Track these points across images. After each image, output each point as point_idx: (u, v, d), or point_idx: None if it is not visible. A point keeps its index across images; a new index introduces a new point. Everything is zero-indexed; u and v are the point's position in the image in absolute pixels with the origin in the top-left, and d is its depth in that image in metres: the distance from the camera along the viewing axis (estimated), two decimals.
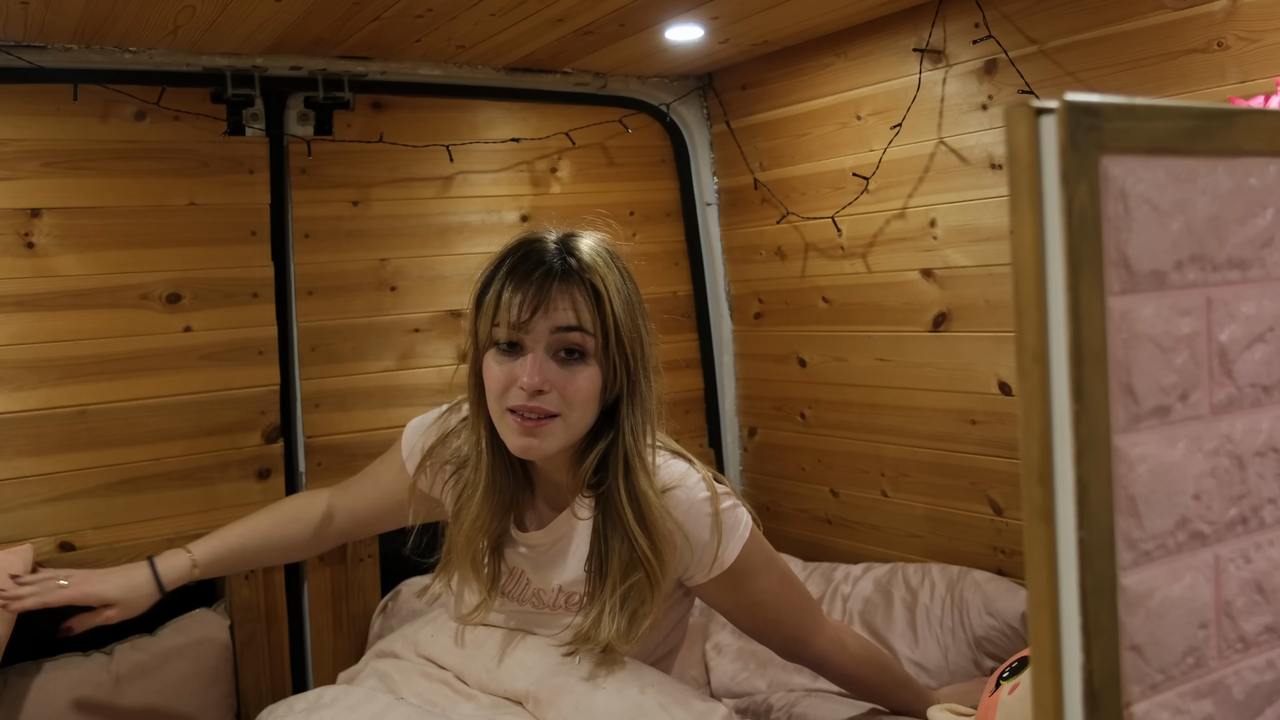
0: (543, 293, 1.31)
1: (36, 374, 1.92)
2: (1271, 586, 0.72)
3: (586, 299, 1.33)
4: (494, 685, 1.40)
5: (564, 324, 1.32)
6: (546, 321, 1.31)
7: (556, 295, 1.32)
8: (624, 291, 1.36)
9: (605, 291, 1.33)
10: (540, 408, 1.32)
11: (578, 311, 1.32)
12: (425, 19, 1.90)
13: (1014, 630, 1.85)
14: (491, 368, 1.35)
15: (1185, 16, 1.61)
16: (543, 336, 1.32)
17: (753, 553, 1.43)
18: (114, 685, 1.91)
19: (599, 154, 2.53)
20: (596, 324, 1.33)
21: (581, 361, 1.33)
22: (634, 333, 1.36)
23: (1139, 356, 0.63)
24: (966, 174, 2.02)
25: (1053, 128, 0.59)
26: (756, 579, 1.45)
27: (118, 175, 1.99)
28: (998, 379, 2.02)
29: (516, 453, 1.36)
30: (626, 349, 1.35)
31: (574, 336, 1.32)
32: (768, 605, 1.48)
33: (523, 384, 1.31)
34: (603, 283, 1.33)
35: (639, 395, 1.37)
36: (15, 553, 1.84)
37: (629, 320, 1.35)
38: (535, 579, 1.45)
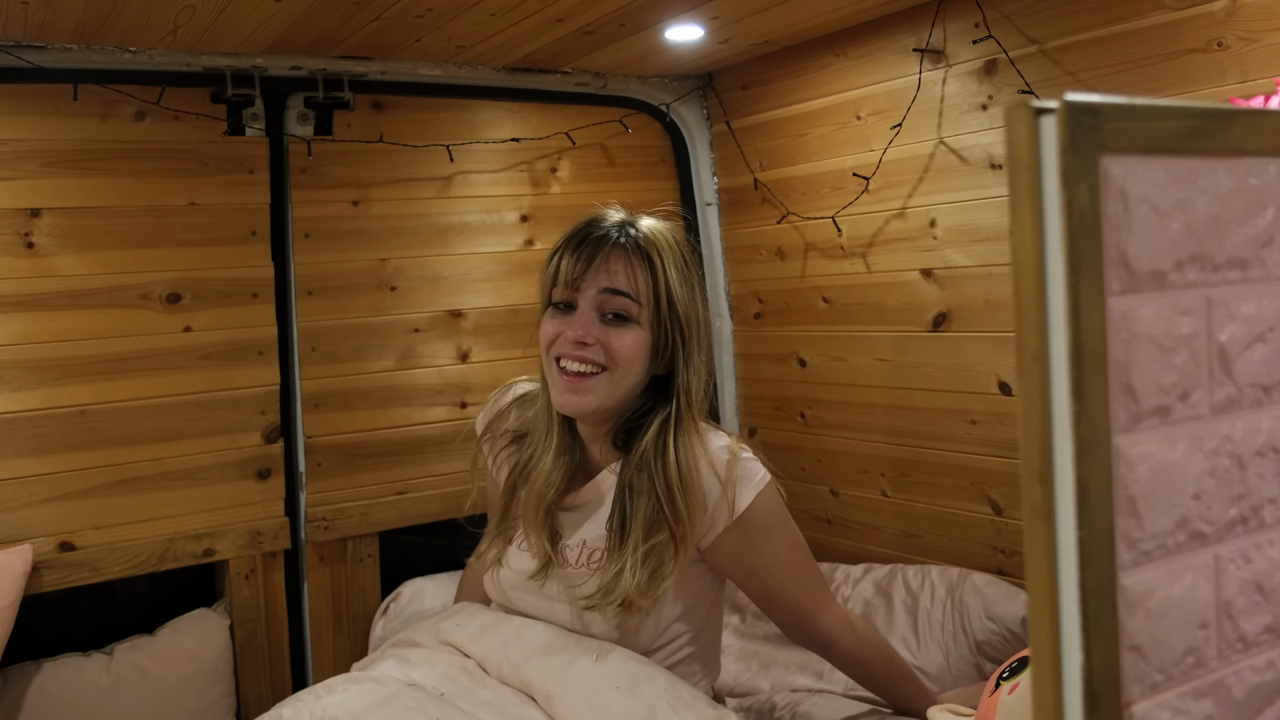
0: (597, 254, 1.39)
1: (36, 374, 1.92)
2: (1271, 586, 0.72)
3: (641, 267, 1.39)
4: (513, 677, 1.40)
5: (613, 286, 1.39)
6: (597, 281, 1.39)
7: (611, 258, 1.39)
8: (681, 268, 1.43)
9: (660, 262, 1.40)
10: (585, 356, 1.38)
11: (630, 276, 1.39)
12: (425, 19, 1.90)
13: (1014, 634, 1.85)
14: (545, 324, 1.43)
15: (1185, 16, 1.61)
16: (592, 296, 1.39)
17: (768, 507, 1.45)
18: (114, 685, 1.91)
19: (599, 154, 2.53)
20: (648, 292, 1.39)
21: (628, 323, 1.40)
22: (690, 307, 1.42)
23: (1139, 356, 0.63)
24: (966, 174, 2.02)
25: (1053, 128, 0.59)
26: (770, 539, 1.46)
27: (118, 175, 1.99)
28: (998, 379, 2.02)
29: (560, 409, 1.43)
30: (681, 320, 1.41)
31: (621, 301, 1.39)
32: (778, 570, 1.49)
33: (570, 335, 1.38)
34: (659, 255, 1.40)
35: (694, 366, 1.43)
36: (15, 552, 1.84)
37: (685, 294, 1.41)
38: (564, 536, 1.50)
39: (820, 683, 1.92)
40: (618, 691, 1.32)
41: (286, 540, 2.15)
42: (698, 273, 1.47)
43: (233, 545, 2.09)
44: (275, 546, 2.14)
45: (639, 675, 1.36)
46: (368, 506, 2.24)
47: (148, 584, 2.08)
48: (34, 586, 1.88)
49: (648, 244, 1.41)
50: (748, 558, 1.46)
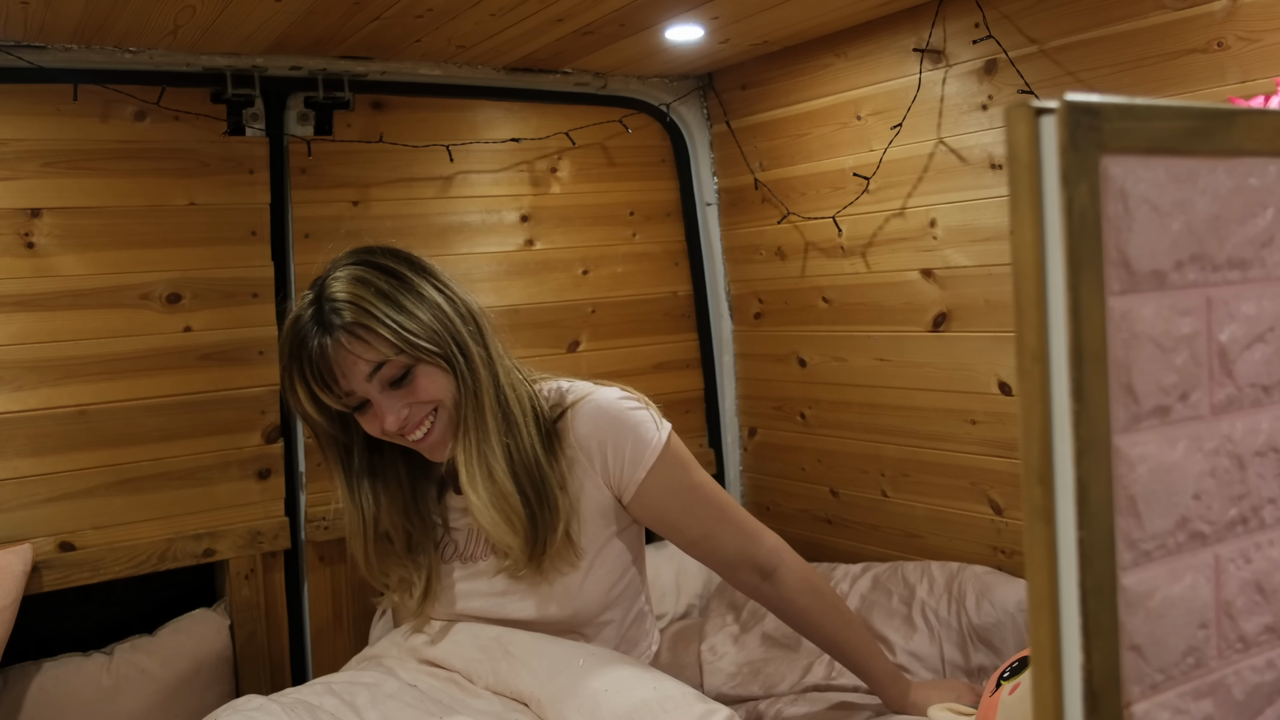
0: (332, 368, 1.39)
1: (36, 374, 1.92)
2: (1271, 586, 0.72)
3: (361, 334, 1.38)
4: (501, 686, 1.41)
5: (368, 371, 1.39)
6: (356, 379, 1.39)
7: (342, 359, 1.39)
8: (385, 290, 1.41)
9: (369, 313, 1.38)
10: (413, 423, 1.42)
11: (370, 354, 1.38)
12: (425, 19, 1.90)
13: (1011, 618, 1.85)
14: (363, 424, 1.46)
15: (1185, 16, 1.61)
16: (364, 387, 1.40)
17: (675, 448, 1.51)
18: (114, 685, 1.91)
19: (599, 154, 2.53)
20: (393, 345, 1.38)
21: (411, 372, 1.41)
22: (420, 320, 1.41)
23: (1139, 356, 0.63)
24: (966, 174, 2.02)
25: (1053, 128, 0.59)
26: (687, 471, 1.51)
27: (118, 175, 1.99)
28: (998, 379, 2.02)
29: (436, 461, 1.49)
30: (424, 340, 1.40)
31: (385, 371, 1.39)
32: (710, 502, 1.53)
33: (389, 431, 1.41)
34: (361, 308, 1.38)
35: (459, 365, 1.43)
36: (15, 552, 1.84)
37: (403, 314, 1.40)
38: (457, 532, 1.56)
39: (811, 683, 1.92)
40: (607, 694, 1.33)
41: (286, 540, 2.15)
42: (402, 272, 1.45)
43: (233, 545, 2.09)
44: (275, 546, 2.14)
45: (627, 675, 1.37)
46: None
47: (148, 584, 2.08)
48: (34, 586, 1.88)
49: (352, 316, 1.39)
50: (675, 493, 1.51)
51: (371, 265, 1.46)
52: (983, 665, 1.86)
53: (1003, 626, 1.85)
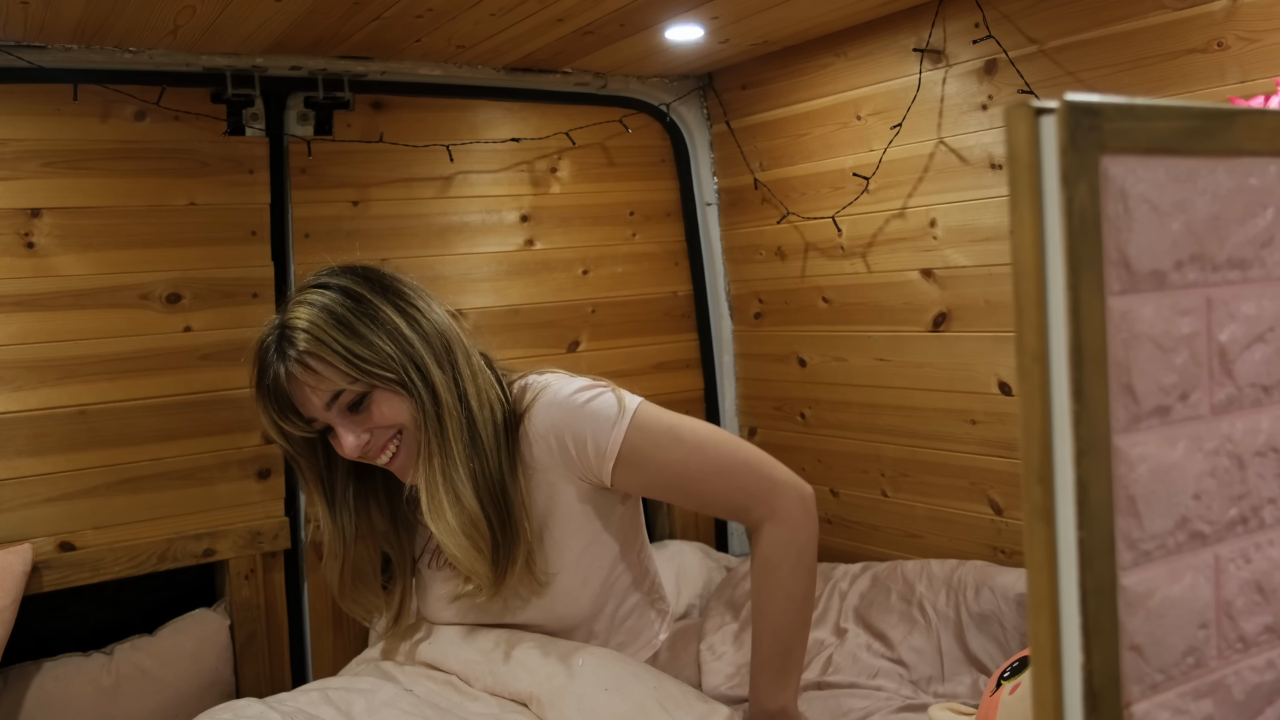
0: (289, 394, 1.41)
1: (36, 374, 1.92)
2: (1271, 586, 0.72)
3: (314, 365, 1.39)
4: (499, 687, 1.41)
5: (325, 400, 1.39)
6: (313, 409, 1.40)
7: (295, 387, 1.40)
8: (344, 319, 1.40)
9: (324, 343, 1.38)
10: (376, 447, 1.43)
11: (325, 382, 1.39)
12: (425, 19, 1.90)
13: (1011, 604, 1.85)
14: (337, 451, 1.45)
15: (1185, 16, 1.61)
16: (326, 414, 1.41)
17: (645, 427, 1.43)
18: (114, 685, 1.91)
19: (599, 154, 2.53)
20: (348, 375, 1.39)
21: (367, 398, 1.41)
22: (379, 347, 1.40)
23: (1139, 356, 0.63)
24: (966, 174, 2.02)
25: (1053, 128, 0.59)
26: (662, 449, 1.44)
27: (118, 175, 1.99)
28: (998, 379, 2.02)
29: (407, 482, 1.48)
30: (379, 368, 1.39)
31: (343, 399, 1.40)
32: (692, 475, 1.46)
33: (349, 454, 1.42)
34: (315, 339, 1.38)
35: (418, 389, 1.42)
36: (15, 552, 1.84)
37: (360, 343, 1.39)
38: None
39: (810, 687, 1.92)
40: (606, 693, 1.32)
41: (286, 540, 2.15)
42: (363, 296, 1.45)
43: (233, 545, 2.09)
44: (275, 546, 2.14)
45: (626, 675, 1.36)
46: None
47: (148, 584, 2.08)
48: (34, 586, 1.88)
49: (306, 346, 1.38)
50: (650, 476, 1.45)
51: (332, 289, 1.45)
52: (981, 654, 1.86)
53: (1003, 613, 1.86)
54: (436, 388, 1.42)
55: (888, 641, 1.95)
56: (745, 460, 1.47)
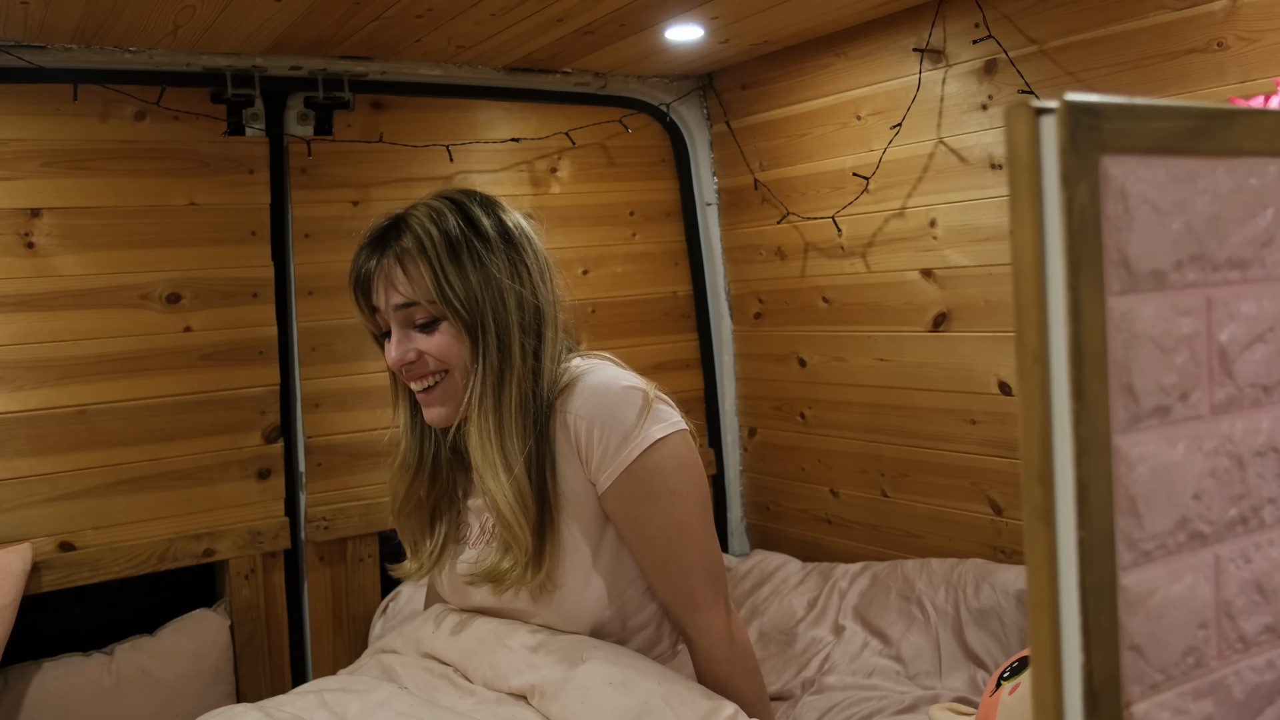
0: (372, 280, 1.39)
1: (36, 374, 1.92)
2: (1271, 586, 0.72)
3: (406, 267, 1.37)
4: (498, 681, 1.39)
5: (396, 303, 1.37)
6: (386, 302, 1.38)
7: (380, 280, 1.38)
8: (455, 239, 1.37)
9: (426, 253, 1.36)
10: (417, 372, 1.39)
11: (398, 286, 1.37)
12: (425, 19, 1.90)
13: (1011, 600, 1.85)
14: (385, 354, 1.42)
15: (1185, 16, 1.61)
16: (389, 315, 1.39)
17: (661, 464, 1.34)
18: (114, 685, 1.91)
19: (599, 154, 2.53)
20: (426, 289, 1.36)
21: (435, 324, 1.38)
22: (470, 282, 1.37)
23: (1139, 356, 0.63)
24: (966, 174, 2.02)
25: (1053, 128, 0.59)
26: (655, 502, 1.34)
27: (118, 175, 1.99)
28: (998, 379, 2.02)
29: (430, 423, 1.43)
30: (462, 302, 1.36)
31: (411, 311, 1.37)
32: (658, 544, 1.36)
33: (390, 361, 1.39)
34: (420, 246, 1.36)
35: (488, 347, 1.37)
36: (15, 552, 1.84)
37: (460, 271, 1.36)
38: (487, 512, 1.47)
39: (806, 693, 1.92)
40: (611, 688, 1.31)
41: (286, 540, 2.15)
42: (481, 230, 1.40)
43: (233, 545, 2.09)
44: (275, 546, 2.14)
45: (631, 671, 1.35)
46: (368, 506, 2.24)
47: (148, 584, 2.08)
48: (34, 586, 1.88)
49: (406, 244, 1.37)
50: (629, 516, 1.36)
51: (463, 212, 1.42)
52: (979, 649, 1.86)
53: (1003, 609, 1.86)
54: (510, 352, 1.38)
55: (885, 639, 1.95)
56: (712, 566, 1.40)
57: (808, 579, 2.24)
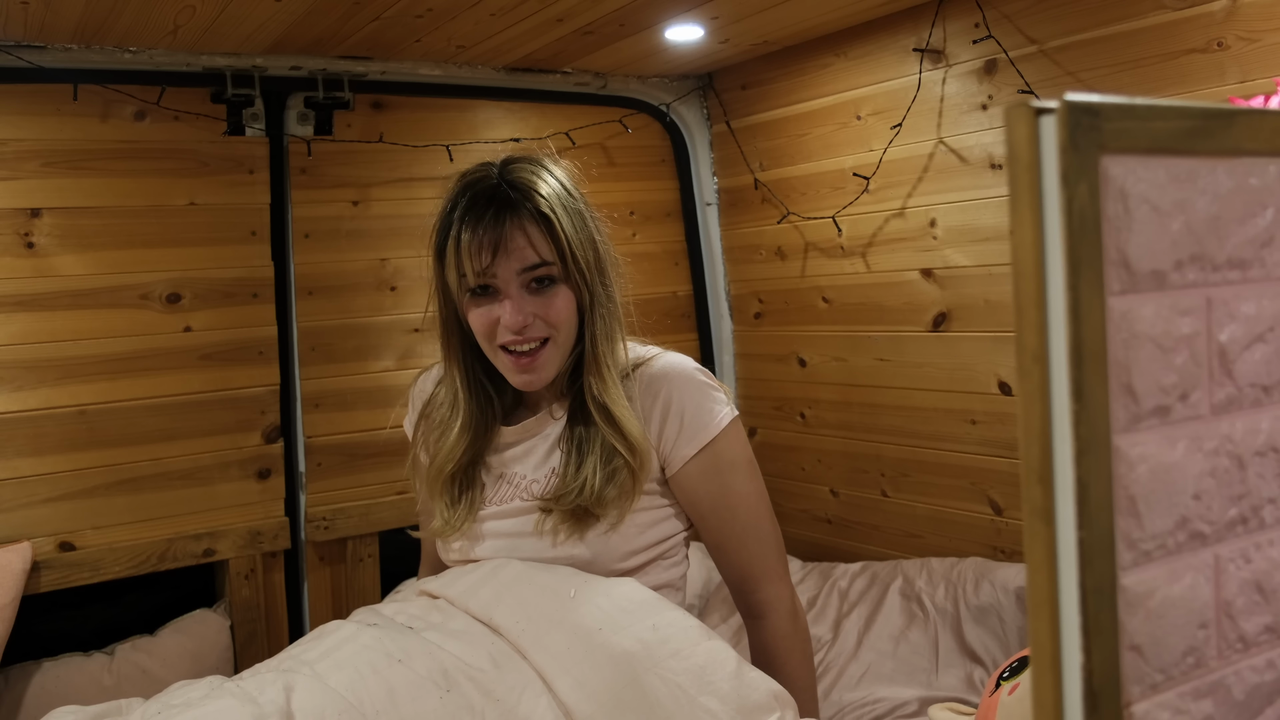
0: (499, 233, 1.34)
1: (36, 374, 1.92)
2: (1271, 586, 0.72)
3: (539, 229, 1.35)
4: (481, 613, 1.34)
5: (528, 263, 1.35)
6: (510, 262, 1.34)
7: (511, 233, 1.34)
8: (570, 205, 1.38)
9: (554, 214, 1.35)
10: (530, 337, 1.36)
11: (534, 245, 1.35)
12: (425, 19, 1.90)
13: (1010, 596, 1.85)
14: (474, 316, 1.38)
15: (1185, 16, 1.61)
16: (512, 277, 1.35)
17: (739, 439, 1.43)
18: (114, 685, 1.91)
19: (599, 154, 2.53)
20: (553, 250, 1.35)
21: (553, 285, 1.37)
22: (586, 243, 1.39)
23: (1139, 356, 0.63)
24: (966, 174, 2.02)
25: (1053, 128, 0.59)
26: (737, 473, 1.43)
27: (118, 175, 1.99)
28: (998, 379, 2.02)
29: (520, 388, 1.41)
30: (581, 263, 1.37)
31: (539, 271, 1.36)
32: (740, 514, 1.43)
33: (508, 325, 1.35)
34: (549, 207, 1.35)
35: (599, 301, 1.41)
36: (14, 551, 1.84)
37: (578, 234, 1.38)
38: (523, 470, 1.46)
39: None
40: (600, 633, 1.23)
41: (286, 540, 2.15)
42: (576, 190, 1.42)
43: (233, 545, 2.09)
44: (275, 546, 2.14)
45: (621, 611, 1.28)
46: (368, 506, 2.24)
47: (148, 584, 2.08)
48: (34, 586, 1.88)
49: (536, 199, 1.36)
50: (713, 489, 1.42)
51: (553, 170, 1.42)
52: (977, 646, 1.86)
53: (1002, 607, 1.86)
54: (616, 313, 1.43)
55: (884, 637, 1.95)
56: (775, 542, 1.47)
57: (808, 579, 2.24)
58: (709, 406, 1.41)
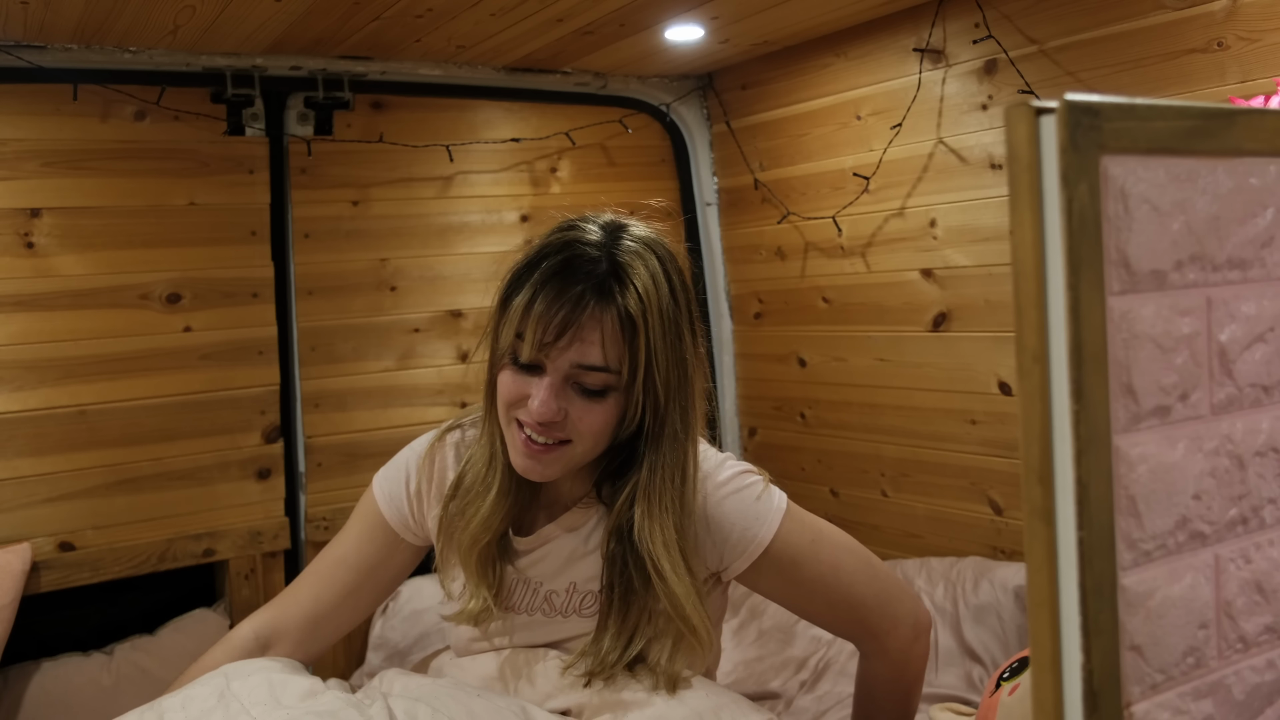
0: (573, 319, 1.18)
1: (36, 374, 1.92)
2: (1271, 586, 0.72)
3: (620, 332, 1.19)
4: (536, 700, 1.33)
5: (588, 362, 1.19)
6: (571, 353, 1.19)
7: (588, 325, 1.18)
8: (669, 314, 1.22)
9: (644, 322, 1.19)
10: (549, 433, 1.22)
11: (606, 348, 1.19)
12: (425, 19, 1.90)
13: (1010, 595, 1.85)
14: (505, 379, 1.24)
15: (1185, 16, 1.61)
16: (564, 366, 1.19)
17: (793, 533, 1.30)
18: (114, 685, 1.91)
19: (599, 154, 2.53)
20: (625, 360, 1.19)
21: (601, 397, 1.21)
22: (672, 364, 1.22)
23: (1139, 356, 0.63)
24: (966, 174, 2.02)
25: (1053, 128, 0.59)
26: (802, 566, 1.31)
27: (118, 175, 1.99)
28: (998, 379, 2.02)
29: (519, 470, 1.27)
30: (658, 385, 1.21)
31: (596, 377, 1.20)
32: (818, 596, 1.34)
33: (534, 412, 1.20)
34: (643, 313, 1.18)
35: (670, 429, 1.24)
36: (14, 552, 1.84)
37: (667, 351, 1.21)
38: (547, 581, 1.35)
39: (813, 691, 1.92)
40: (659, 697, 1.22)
41: (286, 540, 2.15)
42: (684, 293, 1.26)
43: (233, 545, 2.09)
44: (275, 546, 2.14)
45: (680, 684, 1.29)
46: None
47: (148, 584, 2.08)
48: (34, 586, 1.88)
49: (635, 309, 1.18)
50: (779, 584, 1.34)
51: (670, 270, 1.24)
52: (976, 645, 1.86)
53: (1001, 605, 1.86)
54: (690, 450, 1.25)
55: None
56: (873, 593, 1.36)
57: None
58: (753, 514, 1.29)
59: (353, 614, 1.45)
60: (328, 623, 1.43)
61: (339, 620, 1.44)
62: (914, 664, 1.42)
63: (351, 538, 1.44)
